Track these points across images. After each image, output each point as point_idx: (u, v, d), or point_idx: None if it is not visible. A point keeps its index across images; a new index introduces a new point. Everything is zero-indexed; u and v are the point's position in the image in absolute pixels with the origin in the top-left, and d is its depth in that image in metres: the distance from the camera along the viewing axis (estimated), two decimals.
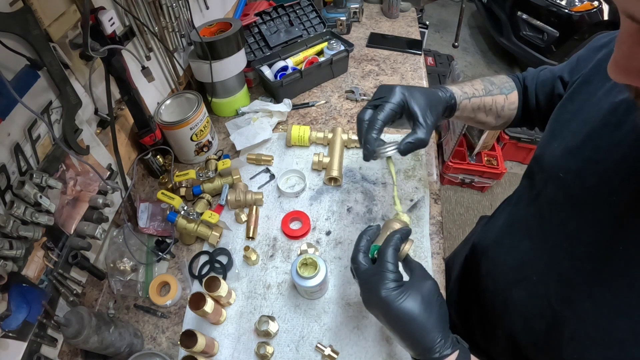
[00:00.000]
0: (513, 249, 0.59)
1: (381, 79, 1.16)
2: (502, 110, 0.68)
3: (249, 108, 1.04)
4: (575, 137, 0.48)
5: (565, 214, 0.48)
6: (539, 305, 0.52)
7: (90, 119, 0.72)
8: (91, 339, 0.55)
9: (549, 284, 0.50)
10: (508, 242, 0.62)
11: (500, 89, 0.68)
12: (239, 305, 0.72)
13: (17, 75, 0.54)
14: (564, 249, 0.48)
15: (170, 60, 0.94)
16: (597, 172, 0.44)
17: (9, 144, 0.54)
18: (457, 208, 2.15)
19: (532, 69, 0.70)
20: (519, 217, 0.60)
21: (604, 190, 0.43)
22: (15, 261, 0.54)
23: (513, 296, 0.58)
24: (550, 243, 0.51)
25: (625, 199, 0.41)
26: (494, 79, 0.69)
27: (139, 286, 0.74)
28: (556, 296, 0.49)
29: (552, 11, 2.47)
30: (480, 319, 0.70)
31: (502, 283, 0.61)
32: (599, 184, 0.44)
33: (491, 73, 3.02)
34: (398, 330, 0.46)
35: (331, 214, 0.83)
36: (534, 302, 0.53)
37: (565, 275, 0.47)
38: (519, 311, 0.57)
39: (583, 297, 0.45)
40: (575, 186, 0.47)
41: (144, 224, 0.81)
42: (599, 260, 0.43)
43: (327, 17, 1.36)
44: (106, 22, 0.64)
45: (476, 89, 0.66)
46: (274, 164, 0.94)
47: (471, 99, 0.65)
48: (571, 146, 0.49)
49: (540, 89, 0.66)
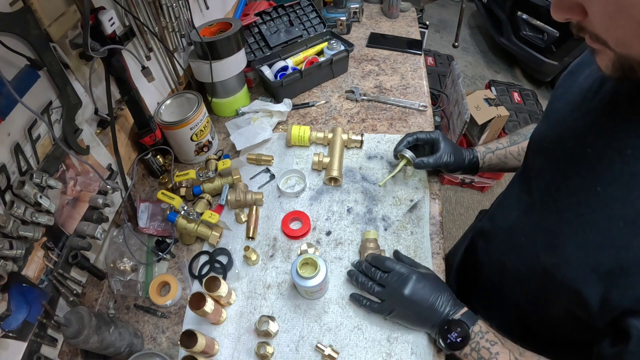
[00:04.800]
0: (505, 220, 0.65)
1: (381, 79, 1.16)
2: None
3: (249, 108, 1.04)
4: (558, 114, 0.55)
5: (550, 176, 0.53)
6: (530, 264, 0.56)
7: (90, 119, 0.72)
8: (91, 339, 0.55)
9: (536, 242, 0.54)
10: (500, 215, 0.68)
11: (525, 135, 0.78)
12: (239, 305, 0.71)
13: (17, 75, 0.54)
14: (550, 207, 0.52)
15: (170, 60, 0.94)
16: (574, 135, 0.50)
17: (9, 144, 0.54)
18: (457, 208, 2.15)
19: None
20: (511, 193, 0.66)
21: (581, 149, 0.48)
22: (15, 261, 0.54)
23: (506, 264, 0.63)
24: (537, 206, 0.56)
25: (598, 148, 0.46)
26: (521, 130, 0.81)
27: (139, 286, 0.74)
28: (544, 250, 0.52)
29: None
30: (480, 300, 0.73)
31: (496, 254, 0.67)
32: (576, 144, 0.49)
33: (491, 73, 3.02)
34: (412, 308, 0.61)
35: (331, 214, 0.83)
36: (526, 263, 0.57)
37: (551, 227, 0.51)
38: (513, 276, 0.62)
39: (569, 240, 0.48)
40: (557, 150, 0.52)
41: (144, 224, 0.81)
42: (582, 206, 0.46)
43: (327, 17, 1.36)
44: (106, 22, 0.64)
45: (500, 143, 0.80)
46: (274, 164, 0.94)
47: (495, 152, 0.79)
48: (554, 120, 0.55)
49: None
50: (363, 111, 1.06)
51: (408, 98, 1.09)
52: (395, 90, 1.12)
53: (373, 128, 1.01)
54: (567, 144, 0.51)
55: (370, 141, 0.97)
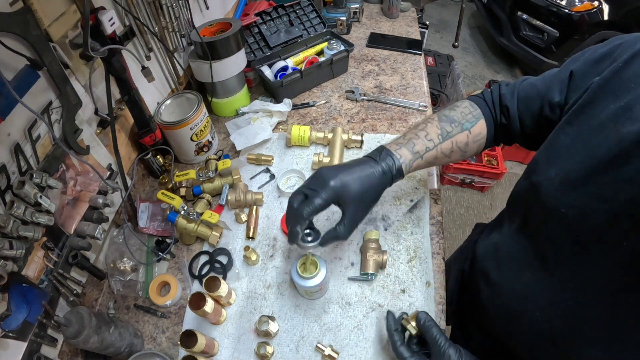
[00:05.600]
0: (514, 278, 0.56)
1: (381, 79, 1.16)
2: (465, 146, 0.63)
3: (249, 108, 1.04)
4: (576, 167, 0.43)
5: (570, 254, 0.44)
6: (543, 343, 0.50)
7: (90, 119, 0.72)
8: (91, 339, 0.55)
9: (552, 323, 0.48)
10: (508, 269, 0.58)
11: (461, 125, 0.62)
12: (239, 305, 0.71)
13: (17, 75, 0.54)
14: (569, 289, 0.45)
15: (170, 60, 0.94)
16: (604, 211, 0.39)
17: (9, 144, 0.54)
18: (457, 208, 2.15)
19: (506, 84, 0.64)
20: (519, 246, 0.56)
21: (614, 233, 0.39)
22: (15, 261, 0.54)
23: (515, 327, 0.56)
24: (554, 281, 0.47)
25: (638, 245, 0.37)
26: (454, 113, 0.63)
27: (139, 286, 0.74)
28: (561, 337, 0.47)
29: (552, 11, 2.47)
30: (484, 339, 0.69)
31: (503, 310, 0.59)
32: (607, 225, 0.39)
33: (491, 73, 3.02)
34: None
35: (331, 214, 0.83)
36: (538, 338, 0.51)
37: (570, 318, 0.45)
38: (524, 341, 0.55)
39: (590, 344, 0.42)
40: (580, 224, 0.42)
41: (144, 224, 0.81)
42: (608, 309, 0.40)
43: (327, 17, 1.36)
44: (106, 22, 0.64)
45: (430, 139, 0.61)
46: (274, 164, 0.94)
47: (424, 156, 0.61)
48: (572, 178, 0.43)
49: (525, 109, 0.59)
50: (363, 111, 1.06)
51: (408, 98, 1.09)
52: (395, 90, 1.12)
53: (373, 128, 1.01)
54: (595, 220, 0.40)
55: (370, 141, 0.96)
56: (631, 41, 0.45)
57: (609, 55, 0.46)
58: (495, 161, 2.07)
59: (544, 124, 0.55)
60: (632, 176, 0.37)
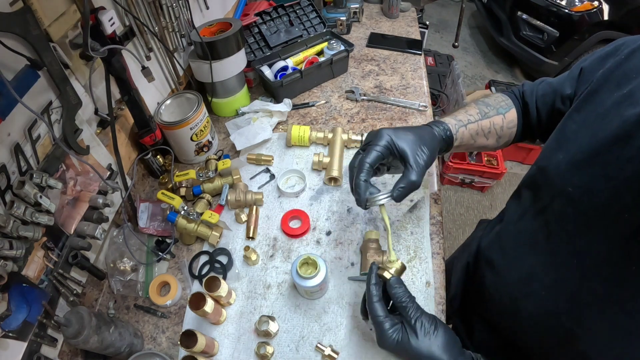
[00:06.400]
0: (519, 261, 0.58)
1: (381, 79, 1.16)
2: (501, 130, 0.67)
3: (249, 108, 1.04)
4: (582, 150, 0.47)
5: (574, 230, 0.47)
6: (549, 321, 0.51)
7: (90, 119, 0.72)
8: (91, 339, 0.55)
9: (558, 301, 0.49)
10: (513, 254, 0.60)
11: (496, 109, 0.67)
12: (239, 305, 0.71)
13: (17, 75, 0.54)
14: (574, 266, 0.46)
15: (170, 60, 0.94)
16: (607, 188, 0.42)
17: (9, 144, 0.54)
18: (457, 208, 2.15)
19: (528, 83, 0.69)
20: (524, 229, 0.58)
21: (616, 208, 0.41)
22: (15, 261, 0.54)
23: (521, 310, 0.57)
24: (559, 259, 0.49)
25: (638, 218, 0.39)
26: (489, 100, 0.68)
27: (139, 286, 0.74)
28: (567, 314, 0.48)
29: (552, 11, 2.47)
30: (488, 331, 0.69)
31: (508, 295, 0.60)
32: (610, 201, 0.42)
33: (491, 73, 3.02)
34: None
35: (331, 214, 0.83)
36: (544, 317, 0.52)
37: (575, 294, 0.46)
38: (529, 324, 0.56)
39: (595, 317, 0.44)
40: (585, 202, 0.45)
41: (144, 224, 0.81)
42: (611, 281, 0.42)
43: (327, 17, 1.36)
44: (106, 22, 0.64)
45: (471, 115, 0.65)
46: (274, 164, 0.94)
47: (467, 126, 0.64)
48: (578, 159, 0.47)
49: (541, 104, 0.65)
50: (363, 111, 1.06)
51: (408, 98, 1.09)
52: (395, 90, 1.12)
53: (373, 128, 1.01)
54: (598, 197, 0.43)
55: None
56: (633, 39, 0.51)
57: (614, 52, 0.52)
58: (495, 161, 2.07)
59: (556, 116, 0.60)
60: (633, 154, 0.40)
